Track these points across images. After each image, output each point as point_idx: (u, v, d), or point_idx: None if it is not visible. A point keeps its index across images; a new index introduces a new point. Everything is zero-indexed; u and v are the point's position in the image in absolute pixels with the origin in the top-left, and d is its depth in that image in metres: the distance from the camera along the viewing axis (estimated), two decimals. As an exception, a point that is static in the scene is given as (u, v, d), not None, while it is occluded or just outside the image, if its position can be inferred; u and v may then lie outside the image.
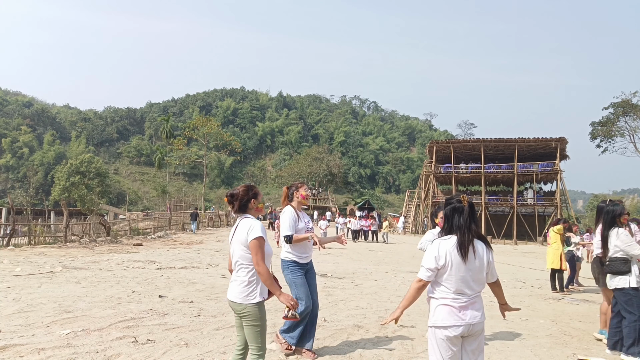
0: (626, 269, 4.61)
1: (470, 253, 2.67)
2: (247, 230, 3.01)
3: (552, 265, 9.25)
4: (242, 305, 2.97)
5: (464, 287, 2.68)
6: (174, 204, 45.69)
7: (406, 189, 68.12)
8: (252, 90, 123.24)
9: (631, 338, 4.55)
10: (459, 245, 2.68)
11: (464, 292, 2.68)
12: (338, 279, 9.97)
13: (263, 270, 2.94)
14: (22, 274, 8.52)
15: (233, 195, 3.18)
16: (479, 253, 2.70)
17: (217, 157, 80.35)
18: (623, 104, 39.12)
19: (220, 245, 17.90)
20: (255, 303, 2.97)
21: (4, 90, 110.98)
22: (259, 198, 3.22)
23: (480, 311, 2.70)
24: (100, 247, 15.12)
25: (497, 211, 36.20)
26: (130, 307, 6.09)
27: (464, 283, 2.68)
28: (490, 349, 4.84)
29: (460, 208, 2.75)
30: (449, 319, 2.66)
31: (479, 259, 2.70)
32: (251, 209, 3.18)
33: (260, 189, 13.05)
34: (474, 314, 2.67)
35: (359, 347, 4.67)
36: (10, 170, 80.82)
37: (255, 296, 2.98)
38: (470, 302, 2.68)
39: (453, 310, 2.67)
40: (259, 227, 3.00)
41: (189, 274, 9.65)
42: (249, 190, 3.18)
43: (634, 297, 4.59)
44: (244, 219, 3.12)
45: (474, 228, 2.72)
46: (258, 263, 2.94)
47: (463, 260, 2.66)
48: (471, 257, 2.67)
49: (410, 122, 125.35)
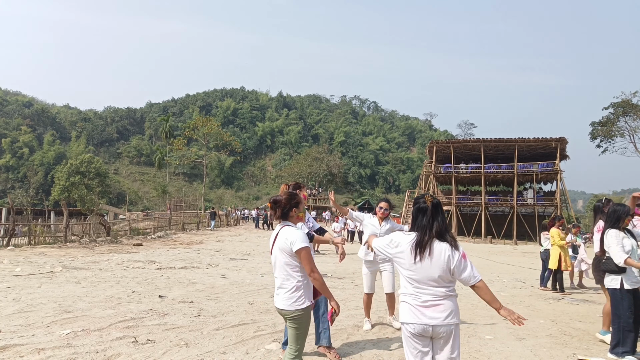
0: (618, 269, 4.60)
1: (426, 252, 2.65)
2: (290, 241, 3.09)
3: (552, 266, 9.25)
4: (290, 311, 3.06)
5: (422, 286, 2.67)
6: (174, 204, 45.69)
7: (406, 189, 68.17)
8: (252, 90, 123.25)
9: (615, 339, 4.57)
10: (415, 243, 2.68)
11: (422, 291, 2.67)
12: (338, 279, 9.97)
13: (318, 276, 3.06)
14: (22, 274, 8.52)
15: (276, 202, 3.26)
16: (434, 253, 2.65)
17: (217, 157, 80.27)
18: (623, 104, 39.11)
19: (220, 245, 17.91)
20: (304, 308, 3.08)
21: (4, 90, 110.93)
22: (300, 207, 3.31)
23: (445, 314, 2.62)
24: (100, 247, 15.12)
25: (497, 211, 36.19)
26: (130, 307, 6.09)
27: (420, 282, 2.67)
28: (490, 349, 4.84)
29: (424, 208, 2.75)
30: (408, 316, 2.70)
31: (435, 259, 2.64)
32: (292, 217, 3.26)
33: (260, 189, 12.95)
34: (435, 315, 2.62)
35: (359, 347, 4.67)
36: (10, 170, 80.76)
37: (303, 301, 3.09)
38: (432, 303, 2.64)
39: (411, 308, 2.69)
40: (300, 238, 3.08)
41: (189, 274, 9.65)
42: (291, 199, 3.26)
43: (621, 299, 4.59)
44: (285, 226, 3.21)
45: (436, 229, 2.69)
46: (313, 270, 3.04)
47: (413, 259, 2.67)
48: (425, 256, 2.64)
49: (410, 122, 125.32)
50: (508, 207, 34.41)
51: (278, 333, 5.05)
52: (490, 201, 34.52)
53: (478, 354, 4.63)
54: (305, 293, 3.10)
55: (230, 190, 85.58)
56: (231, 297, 7.21)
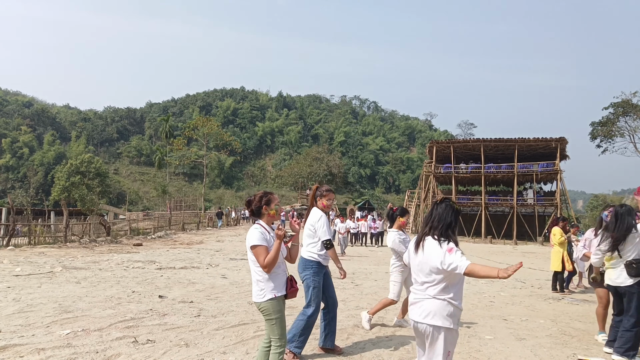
0: None
1: (420, 248, 2.87)
2: (247, 239, 3.26)
3: (555, 268, 9.25)
4: (257, 303, 3.23)
5: (414, 281, 2.92)
6: (174, 204, 45.72)
7: (406, 189, 68.11)
8: (252, 90, 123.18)
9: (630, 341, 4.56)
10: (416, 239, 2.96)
11: (415, 286, 2.92)
12: (338, 279, 9.96)
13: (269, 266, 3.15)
14: (22, 274, 8.53)
15: (249, 202, 3.39)
16: (426, 250, 2.83)
17: (217, 157, 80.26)
18: (623, 104, 39.10)
19: (220, 245, 17.91)
20: (267, 300, 3.18)
21: (4, 90, 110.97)
22: (271, 205, 3.35)
23: (424, 313, 2.74)
24: (100, 247, 15.12)
25: (497, 211, 36.16)
26: (130, 307, 6.09)
27: (414, 277, 2.92)
28: (490, 349, 4.84)
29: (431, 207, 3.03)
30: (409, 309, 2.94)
31: (425, 255, 2.82)
32: (264, 214, 3.33)
33: (261, 189, 13.04)
34: (417, 312, 2.80)
35: (359, 347, 4.67)
36: (10, 170, 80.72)
37: (265, 294, 3.19)
38: (417, 300, 2.84)
39: (410, 303, 2.93)
40: (254, 236, 3.19)
41: (189, 274, 9.65)
42: (262, 197, 3.35)
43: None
44: (254, 224, 3.33)
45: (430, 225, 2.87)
46: (265, 266, 3.13)
47: (413, 253, 2.93)
48: (420, 251, 2.87)
49: (410, 122, 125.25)
50: (508, 207, 34.39)
51: (278, 333, 5.05)
52: (490, 201, 34.50)
53: (478, 354, 4.63)
54: (266, 286, 3.19)
55: (230, 190, 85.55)
56: (231, 297, 7.21)
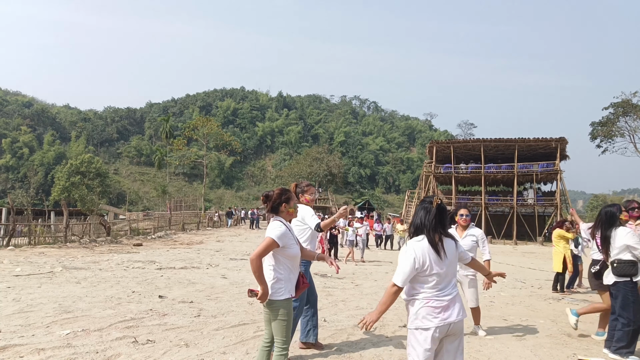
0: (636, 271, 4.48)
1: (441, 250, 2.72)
2: (272, 229, 3.20)
3: (557, 268, 9.25)
4: (270, 301, 3.14)
5: (443, 285, 2.71)
6: (174, 204, 45.71)
7: (406, 189, 68.12)
8: (252, 90, 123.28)
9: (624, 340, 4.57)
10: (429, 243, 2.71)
11: (444, 290, 2.71)
12: (338, 279, 9.97)
13: (255, 264, 3.04)
14: (22, 274, 8.53)
15: (267, 196, 3.35)
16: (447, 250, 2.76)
17: (217, 157, 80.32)
18: (623, 104, 39.09)
19: (220, 245, 17.91)
20: (282, 299, 3.15)
21: (4, 90, 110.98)
22: (290, 203, 3.35)
23: (461, 309, 2.73)
24: (100, 247, 15.12)
25: (497, 211, 36.18)
26: (130, 307, 6.09)
27: (442, 280, 2.71)
28: (490, 349, 4.84)
29: (428, 208, 2.81)
30: (431, 320, 2.64)
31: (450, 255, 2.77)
32: (282, 212, 3.32)
33: (261, 189, 12.95)
34: (457, 311, 2.70)
35: (359, 347, 4.67)
36: (10, 170, 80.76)
37: (283, 292, 3.16)
38: (451, 299, 2.71)
39: (434, 310, 2.66)
40: (276, 230, 3.15)
41: (189, 274, 9.65)
42: (282, 194, 3.33)
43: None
44: (273, 220, 3.29)
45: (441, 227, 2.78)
46: (256, 254, 3.06)
47: (439, 257, 2.70)
48: (442, 254, 2.71)
49: (410, 122, 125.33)
50: (508, 207, 34.41)
51: (278, 333, 5.05)
52: (490, 201, 34.52)
53: (478, 354, 4.63)
54: (285, 285, 3.17)
55: (230, 190, 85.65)
56: (231, 297, 7.21)
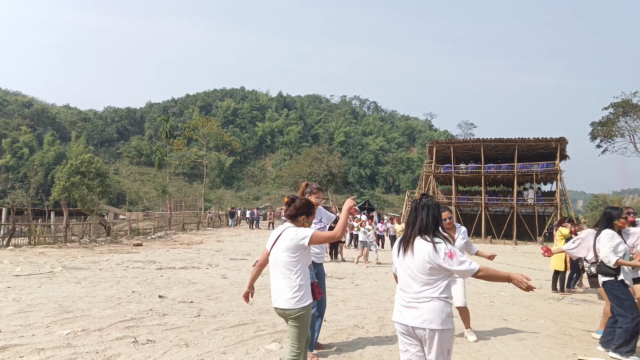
0: (614, 270, 4.59)
1: (409, 249, 2.69)
2: (295, 237, 3.11)
3: (556, 267, 9.24)
4: (295, 310, 3.05)
5: (404, 285, 2.71)
6: (174, 204, 45.67)
7: (406, 189, 68.15)
8: (252, 90, 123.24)
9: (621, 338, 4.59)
10: (400, 239, 2.79)
11: (405, 289, 2.70)
12: (338, 279, 9.97)
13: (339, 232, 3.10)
14: (22, 274, 8.52)
15: (294, 200, 3.31)
16: (417, 251, 2.66)
17: (217, 157, 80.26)
18: (623, 104, 39.07)
19: (220, 246, 17.90)
20: (306, 306, 3.09)
21: (4, 90, 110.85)
22: (310, 219, 3.33)
23: (421, 320, 2.57)
24: (100, 247, 15.12)
25: (497, 211, 36.16)
26: (130, 307, 6.09)
27: (404, 280, 2.71)
28: (490, 349, 4.84)
29: (413, 206, 2.81)
30: (395, 315, 2.73)
31: (418, 257, 2.64)
32: (298, 221, 3.29)
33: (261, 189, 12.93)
34: (413, 317, 2.60)
35: (359, 347, 4.67)
36: (10, 170, 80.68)
37: (306, 299, 3.11)
38: (412, 304, 2.63)
39: (398, 307, 2.72)
40: (309, 230, 3.15)
41: (189, 274, 9.65)
42: (308, 207, 3.31)
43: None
44: (289, 227, 3.23)
45: (418, 226, 2.71)
46: (335, 234, 3.10)
47: (402, 255, 2.73)
48: (409, 253, 2.68)
49: (410, 122, 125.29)
50: (508, 207, 34.39)
51: (278, 333, 5.06)
52: (490, 201, 34.50)
53: (478, 354, 4.63)
54: (307, 292, 3.12)
55: (230, 190, 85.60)
56: (231, 297, 7.21)
